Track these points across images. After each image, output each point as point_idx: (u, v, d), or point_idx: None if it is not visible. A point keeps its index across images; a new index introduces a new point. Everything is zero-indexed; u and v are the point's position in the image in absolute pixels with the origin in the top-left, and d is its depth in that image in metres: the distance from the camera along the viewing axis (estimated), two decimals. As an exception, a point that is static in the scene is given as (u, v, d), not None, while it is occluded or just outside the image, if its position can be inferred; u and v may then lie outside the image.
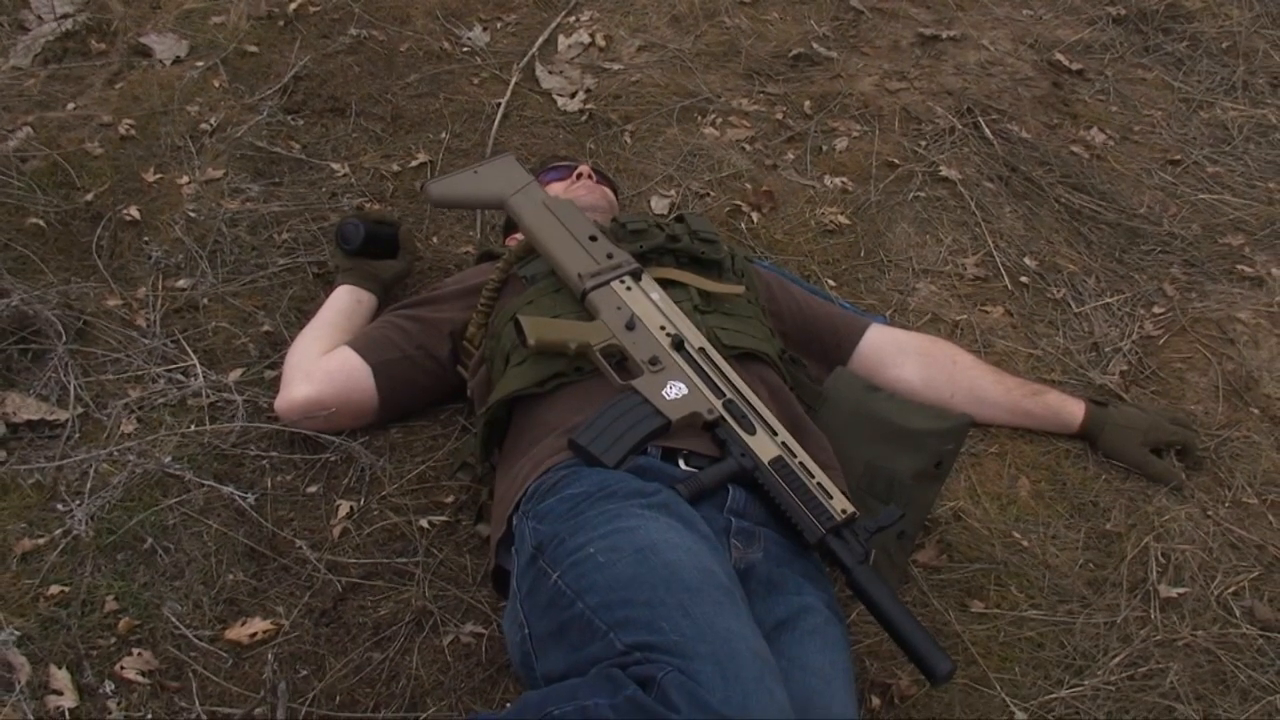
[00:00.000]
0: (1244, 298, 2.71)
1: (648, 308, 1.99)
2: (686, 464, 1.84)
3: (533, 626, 1.62)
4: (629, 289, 2.02)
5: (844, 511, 1.77)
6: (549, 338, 1.92)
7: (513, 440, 1.97)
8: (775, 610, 1.70)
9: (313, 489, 2.12)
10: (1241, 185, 3.12)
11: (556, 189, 2.41)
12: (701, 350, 1.94)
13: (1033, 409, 2.33)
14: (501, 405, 1.97)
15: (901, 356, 2.33)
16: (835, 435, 2.05)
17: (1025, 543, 2.15)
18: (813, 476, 1.80)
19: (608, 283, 2.02)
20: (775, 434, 1.85)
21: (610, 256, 2.07)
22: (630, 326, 1.95)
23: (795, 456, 1.83)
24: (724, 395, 1.88)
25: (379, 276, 2.40)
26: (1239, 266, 2.82)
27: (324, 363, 2.18)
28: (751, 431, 1.84)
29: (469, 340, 2.17)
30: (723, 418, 1.85)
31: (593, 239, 2.09)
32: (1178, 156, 3.18)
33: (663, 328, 1.96)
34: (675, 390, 1.85)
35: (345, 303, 2.34)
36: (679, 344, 1.94)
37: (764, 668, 1.41)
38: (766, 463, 1.81)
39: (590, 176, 2.46)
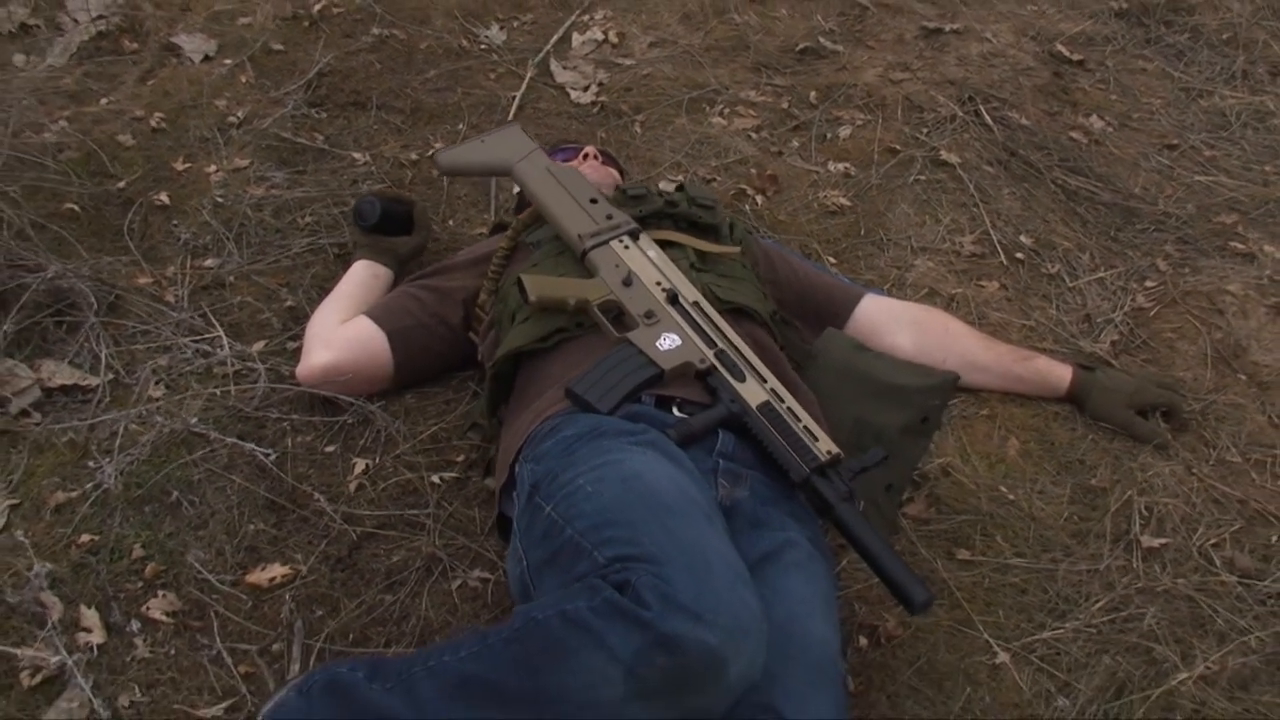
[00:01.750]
0: (1235, 272, 2.78)
1: (644, 265, 2.09)
2: (680, 411, 1.93)
3: (529, 558, 1.71)
4: (627, 248, 2.12)
5: (829, 452, 1.86)
6: (549, 294, 2.02)
7: (517, 396, 2.07)
8: (759, 544, 1.78)
9: (331, 448, 2.23)
10: (1237, 168, 3.20)
11: None
12: (695, 304, 2.04)
13: (1022, 374, 2.41)
14: (506, 361, 2.08)
15: (895, 325, 2.42)
16: (824, 393, 2.13)
17: (1012, 496, 2.24)
18: (799, 420, 1.89)
19: (606, 242, 2.13)
20: (765, 381, 1.94)
21: (610, 218, 2.18)
22: (627, 283, 2.05)
23: (783, 402, 1.92)
24: (716, 346, 1.98)
25: (395, 251, 2.51)
26: (1231, 243, 2.90)
27: (342, 330, 2.30)
28: (741, 379, 1.93)
29: (480, 307, 2.28)
30: (714, 366, 1.94)
31: (593, 201, 2.21)
32: (1175, 141, 3.26)
33: (658, 283, 2.06)
34: (669, 341, 1.95)
35: (362, 276, 2.45)
36: (674, 298, 2.04)
37: (736, 576, 1.50)
38: (754, 407, 1.90)
39: (596, 157, 2.57)
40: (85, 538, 2.01)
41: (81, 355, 2.32)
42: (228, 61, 3.22)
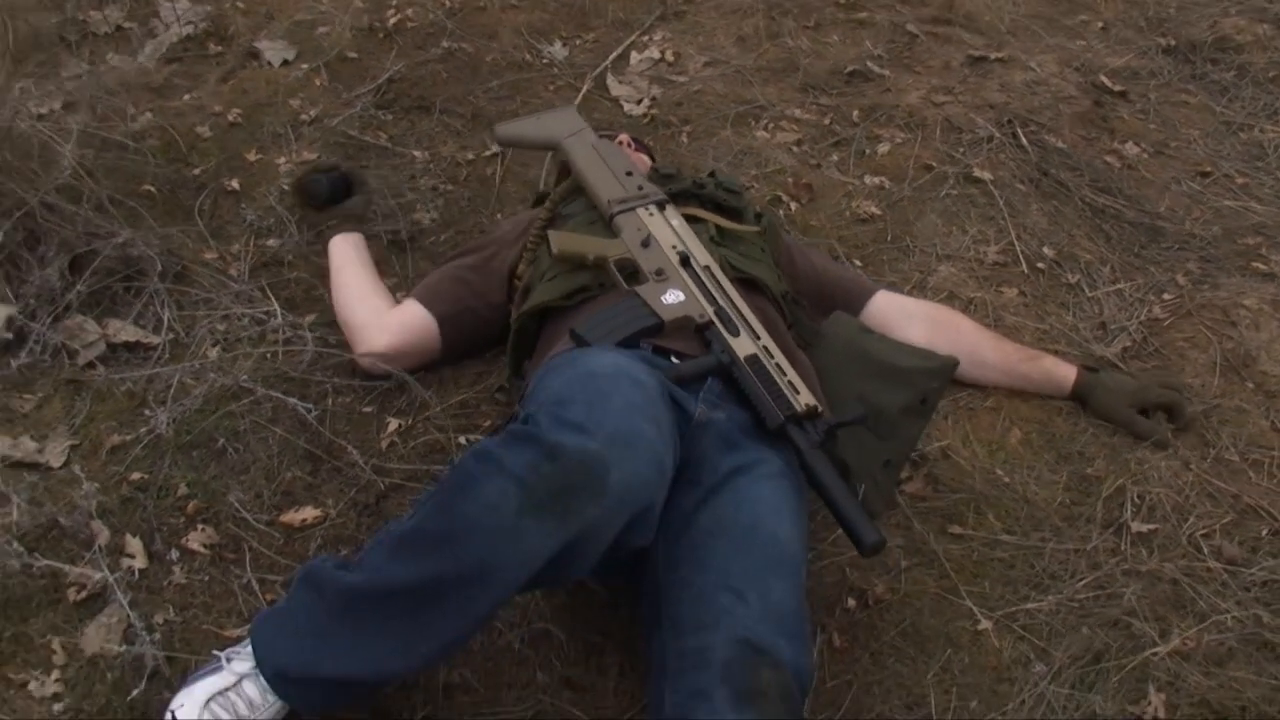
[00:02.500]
0: (1253, 289, 2.86)
1: (664, 230, 2.25)
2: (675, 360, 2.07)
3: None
4: (651, 215, 2.28)
5: (806, 405, 1.97)
6: (569, 248, 2.20)
7: (539, 352, 2.22)
8: (731, 459, 1.90)
9: (368, 409, 2.39)
10: (1269, 196, 3.27)
11: None
12: (706, 268, 2.17)
13: (1028, 372, 2.51)
14: (531, 317, 2.24)
15: (906, 320, 2.53)
16: (828, 372, 2.24)
17: (1008, 480, 2.34)
18: (784, 375, 2.01)
19: (634, 208, 2.29)
20: (758, 339, 2.07)
21: (640, 189, 2.35)
22: (645, 244, 2.21)
23: (772, 358, 2.04)
24: (716, 304, 2.11)
25: (355, 215, 2.70)
26: (1254, 264, 2.97)
27: (395, 316, 2.45)
28: (735, 335, 2.06)
29: (518, 277, 2.43)
30: (711, 321, 2.08)
31: (628, 174, 2.38)
32: (1208, 169, 3.35)
33: (674, 247, 2.21)
34: (673, 297, 2.09)
35: (351, 252, 2.62)
36: (685, 260, 2.18)
37: (634, 409, 1.66)
38: (742, 358, 2.02)
39: (629, 144, 2.72)
40: (136, 475, 2.18)
41: (146, 317, 2.51)
42: (304, 66, 3.43)
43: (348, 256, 2.61)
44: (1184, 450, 2.43)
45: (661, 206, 2.31)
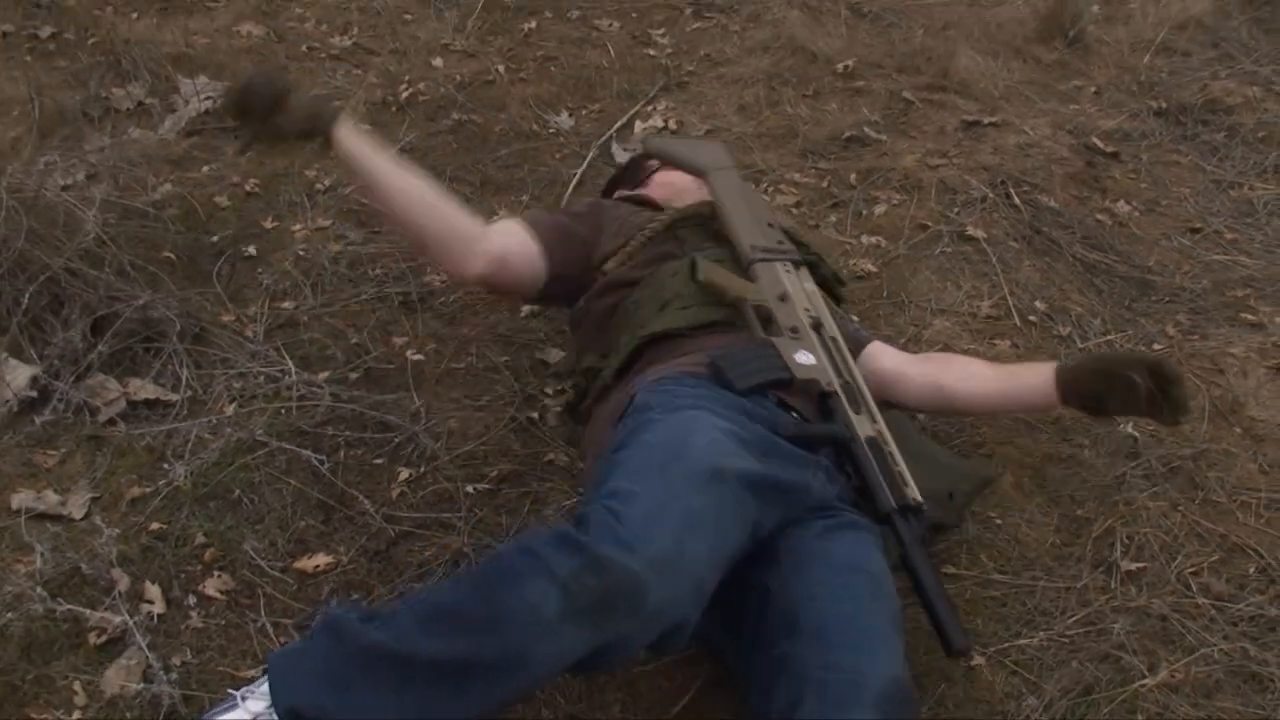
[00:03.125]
0: (1241, 338, 2.94)
1: (799, 291, 2.30)
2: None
3: (618, 439, 1.92)
4: (788, 272, 2.33)
5: (914, 500, 2.01)
6: (715, 280, 2.23)
7: (642, 367, 2.21)
8: (824, 519, 1.96)
9: (379, 460, 2.47)
10: (1258, 250, 3.36)
11: None
12: (834, 340, 2.23)
13: (1012, 382, 2.36)
14: (653, 336, 2.24)
15: (898, 357, 2.49)
16: None
17: (1000, 522, 2.40)
18: (897, 464, 2.06)
19: (773, 260, 2.34)
20: (875, 421, 2.11)
21: (781, 243, 2.41)
22: (782, 299, 2.26)
23: (887, 444, 2.08)
24: (842, 377, 2.16)
25: (316, 110, 2.32)
26: (1242, 314, 3.05)
27: (496, 231, 2.43)
28: (857, 411, 2.11)
29: (601, 270, 2.42)
30: (837, 392, 2.12)
31: (770, 225, 2.44)
32: (1198, 225, 3.43)
33: (807, 309, 2.26)
34: (805, 357, 2.13)
35: (378, 152, 2.37)
36: (817, 325, 2.24)
37: (688, 526, 1.68)
38: (863, 437, 2.06)
39: None
40: (155, 526, 2.26)
41: (165, 376, 2.60)
42: (319, 138, 3.54)
43: (381, 157, 2.34)
44: (1172, 492, 2.49)
45: (797, 266, 2.38)
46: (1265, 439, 2.65)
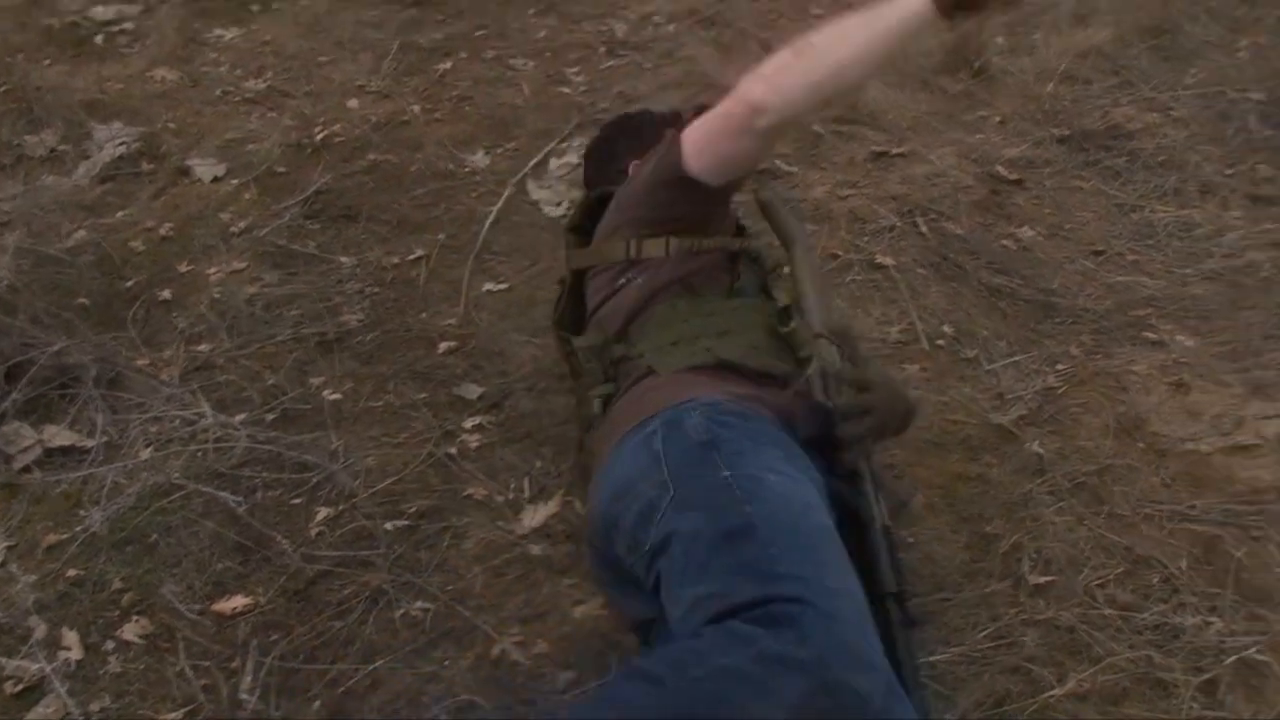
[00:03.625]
0: (1143, 356, 3.01)
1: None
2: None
3: (679, 492, 1.83)
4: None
5: (907, 589, 2.05)
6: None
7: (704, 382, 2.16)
8: None
9: (297, 500, 2.48)
10: (1159, 271, 3.44)
11: None
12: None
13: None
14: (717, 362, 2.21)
15: None
16: None
17: (912, 540, 2.45)
18: (896, 554, 2.09)
19: (832, 345, 2.32)
20: (883, 513, 2.14)
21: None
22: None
23: (893, 533, 2.12)
24: (871, 467, 2.18)
25: None
26: (1144, 333, 3.12)
27: None
28: (876, 499, 2.13)
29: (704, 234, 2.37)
30: (868, 477, 2.15)
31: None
32: (1101, 248, 3.52)
33: None
34: (852, 429, 2.15)
35: None
36: None
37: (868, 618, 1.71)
38: (879, 524, 2.09)
39: None
40: (72, 572, 2.26)
41: (81, 421, 2.60)
42: (234, 181, 3.58)
43: None
44: (1078, 507, 2.54)
45: (842, 356, 2.37)
46: (1167, 453, 2.72)
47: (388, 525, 2.44)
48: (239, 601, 2.25)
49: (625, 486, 1.93)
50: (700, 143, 2.20)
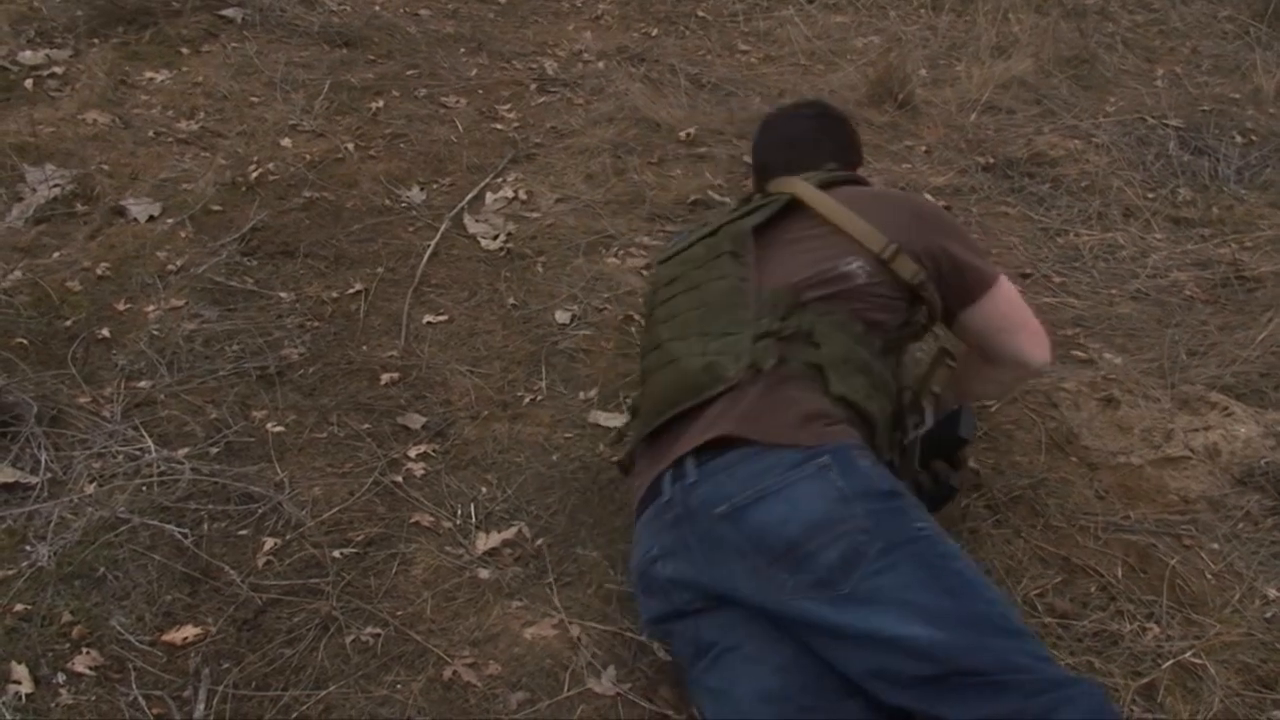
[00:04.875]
0: (1073, 374, 3.10)
1: None
2: None
3: (875, 533, 1.91)
4: None
5: None
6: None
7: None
8: None
9: (244, 531, 2.48)
10: (1086, 292, 3.54)
11: None
12: None
13: None
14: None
15: None
16: None
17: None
18: None
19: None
20: None
21: None
22: None
23: None
24: None
25: None
26: (1073, 351, 3.22)
27: None
28: None
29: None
30: None
31: None
32: (1028, 270, 3.61)
33: None
34: None
35: None
36: None
37: None
38: None
39: None
40: (19, 607, 2.24)
41: (23, 459, 2.59)
42: (170, 220, 3.57)
43: None
44: (1015, 520, 2.61)
45: None
46: (1099, 466, 2.79)
47: (336, 553, 2.45)
48: (189, 631, 2.25)
49: (822, 522, 1.94)
50: (1001, 317, 2.45)
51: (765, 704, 1.94)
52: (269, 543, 2.46)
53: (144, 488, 2.55)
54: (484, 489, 2.65)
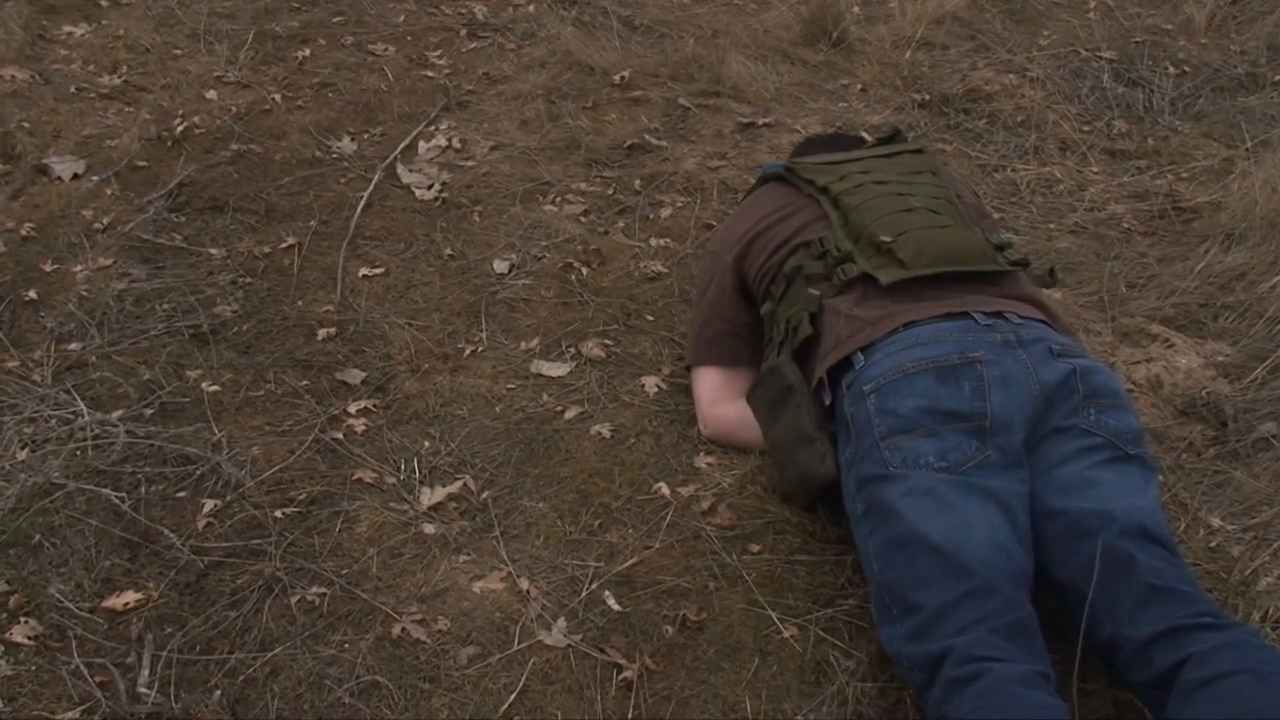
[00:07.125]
0: (1012, 311, 3.10)
1: None
2: None
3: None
4: None
5: None
6: None
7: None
8: None
9: (182, 494, 2.44)
10: (1025, 227, 3.55)
11: None
12: None
13: None
14: None
15: None
16: None
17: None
18: None
19: None
20: None
21: None
22: None
23: None
24: None
25: None
26: (1012, 288, 3.22)
27: None
28: None
29: None
30: None
31: None
32: (966, 207, 3.61)
33: None
34: None
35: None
36: None
37: None
38: None
39: None
40: (-48, 579, 2.20)
41: (-49, 430, 2.53)
42: (95, 178, 3.49)
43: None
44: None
45: None
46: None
47: (277, 513, 2.41)
48: (130, 597, 2.21)
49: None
50: None
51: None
52: (209, 504, 2.41)
53: (78, 452, 2.50)
54: (427, 443, 2.62)
